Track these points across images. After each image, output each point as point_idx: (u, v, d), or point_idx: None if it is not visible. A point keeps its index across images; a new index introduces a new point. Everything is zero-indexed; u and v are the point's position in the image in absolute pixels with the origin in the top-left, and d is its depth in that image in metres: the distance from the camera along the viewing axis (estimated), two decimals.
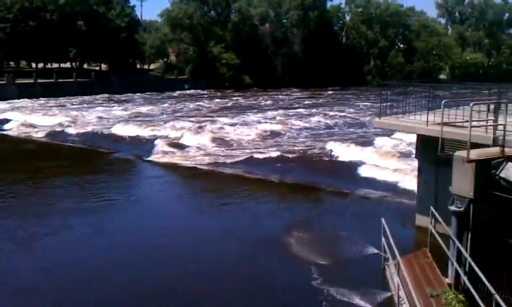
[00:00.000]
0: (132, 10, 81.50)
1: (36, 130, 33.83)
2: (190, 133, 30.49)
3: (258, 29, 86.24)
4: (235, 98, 61.45)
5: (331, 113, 43.71)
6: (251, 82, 78.57)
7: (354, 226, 14.86)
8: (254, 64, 79.29)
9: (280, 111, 44.86)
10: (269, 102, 56.12)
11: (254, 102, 56.69)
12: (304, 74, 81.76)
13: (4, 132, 33.71)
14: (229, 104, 53.45)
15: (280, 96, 64.00)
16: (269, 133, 31.83)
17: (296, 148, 26.90)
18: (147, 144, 27.66)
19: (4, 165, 24.96)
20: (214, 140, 28.71)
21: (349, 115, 42.76)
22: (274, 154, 24.69)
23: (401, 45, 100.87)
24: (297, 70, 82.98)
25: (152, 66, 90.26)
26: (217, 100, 57.75)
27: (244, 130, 32.54)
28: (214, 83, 75.34)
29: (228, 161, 23.76)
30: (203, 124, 35.15)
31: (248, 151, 25.90)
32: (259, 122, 36.85)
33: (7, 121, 37.44)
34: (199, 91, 70.22)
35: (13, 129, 34.41)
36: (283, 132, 32.47)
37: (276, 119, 38.50)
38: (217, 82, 75.82)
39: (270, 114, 42.68)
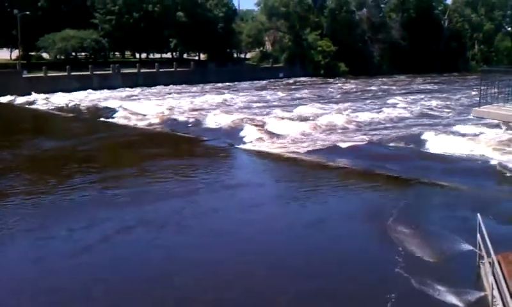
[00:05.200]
0: (229, 0, 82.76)
1: (138, 117, 35.48)
2: (283, 122, 30.70)
3: (355, 14, 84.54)
4: (333, 85, 61.16)
5: (436, 101, 43.05)
6: (346, 69, 77.46)
7: (447, 219, 14.29)
8: (350, 51, 77.96)
9: (374, 100, 44.13)
10: (368, 88, 55.33)
11: (353, 88, 56.23)
12: (404, 61, 79.31)
13: (110, 120, 35.60)
14: (326, 92, 53.28)
15: (380, 83, 62.87)
16: (366, 121, 31.71)
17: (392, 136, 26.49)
18: (239, 132, 28.11)
19: (110, 152, 26.59)
20: (308, 127, 28.78)
21: (456, 102, 41.96)
22: (362, 143, 24.59)
23: (508, 28, 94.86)
24: (396, 57, 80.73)
25: (248, 55, 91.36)
26: (312, 88, 57.52)
27: (334, 119, 32.30)
28: (309, 71, 75.18)
29: (322, 148, 23.75)
30: (296, 112, 35.33)
31: (337, 139, 25.83)
32: (356, 110, 36.69)
33: (113, 109, 39.50)
34: (295, 78, 70.39)
35: (117, 117, 36.23)
36: (379, 121, 32.05)
37: (373, 108, 37.97)
38: (312, 69, 75.57)
39: (365, 104, 42.04)
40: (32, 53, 71.00)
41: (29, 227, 14.20)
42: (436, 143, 24.10)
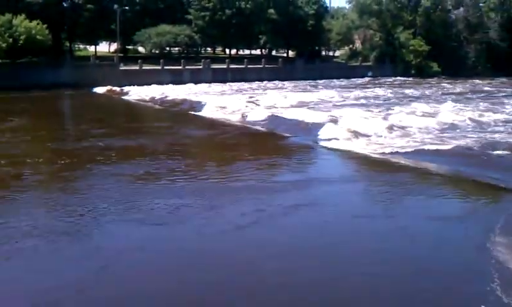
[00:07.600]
0: None
1: (225, 111, 36.24)
2: (370, 121, 30.21)
3: (451, 13, 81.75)
4: (425, 85, 59.54)
5: None
6: (439, 70, 75.14)
7: None
8: (443, 51, 75.47)
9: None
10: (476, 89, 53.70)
11: (456, 89, 55.31)
12: (502, 63, 75.53)
13: (198, 113, 36.64)
14: (418, 92, 51.99)
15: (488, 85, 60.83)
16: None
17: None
18: (324, 129, 27.75)
19: (194, 147, 27.41)
20: (392, 128, 28.10)
21: None
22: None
23: None
24: (493, 58, 77.15)
25: (337, 53, 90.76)
26: (405, 87, 56.27)
27: (424, 119, 31.34)
28: (399, 70, 73.69)
29: (410, 151, 22.99)
30: (385, 111, 34.72)
31: (426, 142, 24.95)
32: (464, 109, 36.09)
33: (201, 103, 40.56)
34: (384, 78, 69.16)
35: (205, 111, 37.21)
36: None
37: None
38: (402, 69, 74.01)
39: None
40: (129, 47, 74.49)
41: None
42: None
